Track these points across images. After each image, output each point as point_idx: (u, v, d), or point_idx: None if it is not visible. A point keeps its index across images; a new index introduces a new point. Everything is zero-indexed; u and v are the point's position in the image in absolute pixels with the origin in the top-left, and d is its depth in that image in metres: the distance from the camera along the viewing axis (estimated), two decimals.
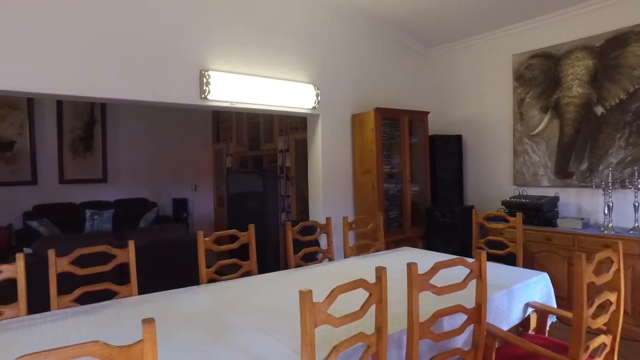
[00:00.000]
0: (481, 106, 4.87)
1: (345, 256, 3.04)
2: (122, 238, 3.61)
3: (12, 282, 1.91)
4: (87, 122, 7.04)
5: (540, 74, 4.24)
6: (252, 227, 2.63)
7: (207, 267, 2.48)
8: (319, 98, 4.15)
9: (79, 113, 6.97)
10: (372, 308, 1.47)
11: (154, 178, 7.58)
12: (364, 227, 3.29)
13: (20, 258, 1.88)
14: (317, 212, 4.29)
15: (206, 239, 2.49)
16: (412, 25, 4.75)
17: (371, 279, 1.47)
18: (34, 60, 2.78)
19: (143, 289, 2.26)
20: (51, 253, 2.05)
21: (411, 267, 1.56)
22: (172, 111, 7.49)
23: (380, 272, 1.48)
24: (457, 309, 1.69)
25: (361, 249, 3.21)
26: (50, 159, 6.71)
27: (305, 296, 1.20)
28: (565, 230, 3.71)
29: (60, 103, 6.76)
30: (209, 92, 3.42)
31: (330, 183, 4.32)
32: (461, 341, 1.84)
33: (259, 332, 1.66)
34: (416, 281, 1.56)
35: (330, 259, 3.00)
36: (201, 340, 1.60)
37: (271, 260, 5.37)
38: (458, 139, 4.99)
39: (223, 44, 3.59)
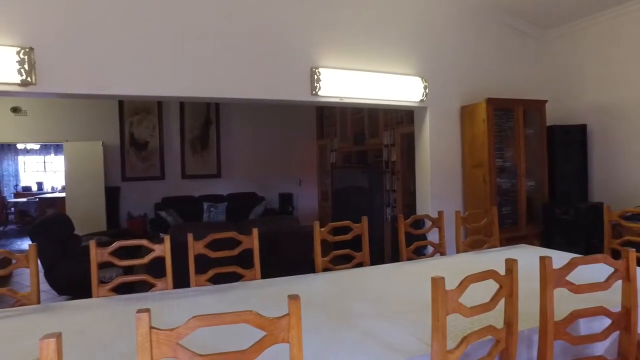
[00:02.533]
0: (611, 91, 4.32)
1: (458, 251, 2.94)
2: (240, 227, 3.91)
3: (157, 260, 2.19)
4: (204, 123, 7.78)
5: None
6: (365, 219, 2.67)
7: (322, 256, 2.57)
8: (426, 90, 4.05)
9: (197, 115, 7.72)
10: (501, 303, 1.41)
11: (262, 173, 8.10)
12: (476, 222, 3.15)
13: (167, 240, 2.15)
14: (425, 207, 4.20)
15: (321, 229, 2.59)
16: (526, 7, 4.39)
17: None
18: (164, 68, 3.16)
19: (261, 274, 2.42)
20: (190, 237, 2.29)
21: (545, 260, 1.47)
22: (278, 110, 7.90)
23: (512, 264, 1.41)
24: (599, 311, 1.54)
25: (473, 245, 3.07)
26: (175, 156, 7.57)
27: (437, 283, 1.19)
28: None
29: (182, 106, 7.55)
30: (319, 89, 3.55)
31: (438, 177, 4.21)
32: (602, 348, 1.68)
33: (381, 320, 1.69)
34: (551, 276, 1.46)
35: (442, 254, 2.93)
36: (327, 323, 1.67)
37: (376, 253, 5.40)
38: (581, 129, 4.49)
39: (332, 41, 3.69)
